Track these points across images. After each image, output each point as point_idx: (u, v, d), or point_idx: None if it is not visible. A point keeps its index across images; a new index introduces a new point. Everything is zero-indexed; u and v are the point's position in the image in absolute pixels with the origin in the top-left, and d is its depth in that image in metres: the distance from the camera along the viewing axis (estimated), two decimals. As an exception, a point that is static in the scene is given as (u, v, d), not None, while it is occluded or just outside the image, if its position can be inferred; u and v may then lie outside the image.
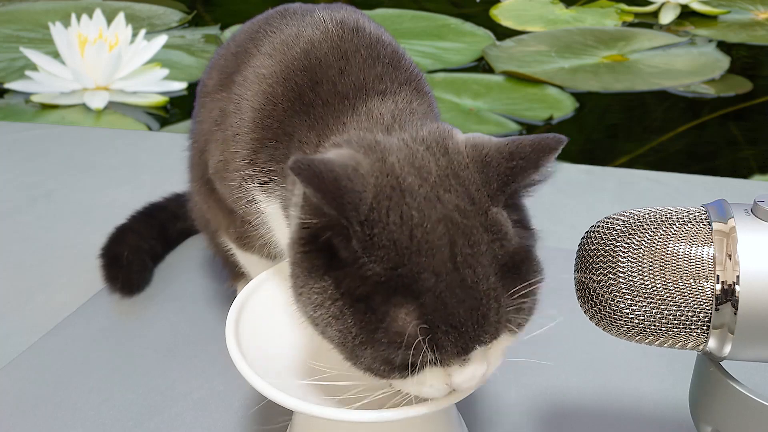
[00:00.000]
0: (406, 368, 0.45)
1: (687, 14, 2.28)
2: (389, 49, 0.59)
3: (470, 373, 0.46)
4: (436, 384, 0.47)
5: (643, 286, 0.44)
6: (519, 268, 0.47)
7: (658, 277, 0.43)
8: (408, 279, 0.44)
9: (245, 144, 0.60)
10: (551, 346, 0.76)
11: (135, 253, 0.86)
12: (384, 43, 0.60)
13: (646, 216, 0.45)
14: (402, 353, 0.44)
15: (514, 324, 0.47)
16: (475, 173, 0.47)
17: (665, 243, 0.44)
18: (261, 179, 0.60)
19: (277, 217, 0.61)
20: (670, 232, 0.44)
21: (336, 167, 0.45)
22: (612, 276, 0.44)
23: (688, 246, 0.43)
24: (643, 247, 0.44)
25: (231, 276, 0.81)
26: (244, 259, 0.73)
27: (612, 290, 0.44)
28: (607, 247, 0.45)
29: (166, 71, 1.80)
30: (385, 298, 0.44)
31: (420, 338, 0.43)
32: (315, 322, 0.47)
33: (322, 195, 0.43)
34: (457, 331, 0.44)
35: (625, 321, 0.45)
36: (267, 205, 0.62)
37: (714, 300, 0.42)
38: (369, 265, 0.44)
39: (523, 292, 0.46)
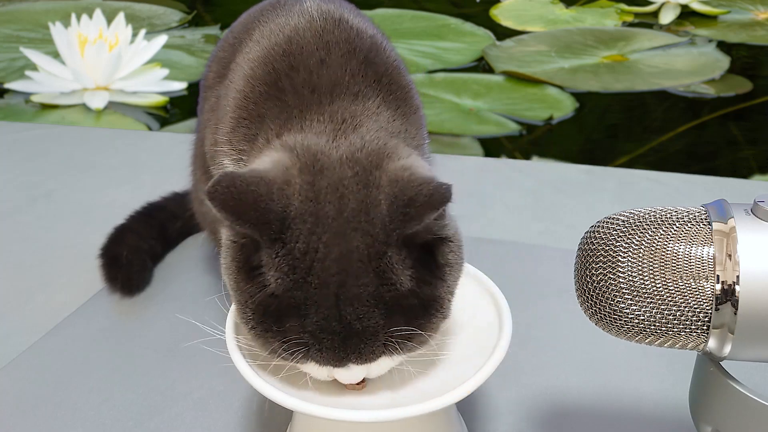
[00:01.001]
0: (291, 359, 0.50)
1: (687, 14, 2.28)
2: (368, 42, 0.60)
3: (349, 375, 0.51)
4: (317, 374, 0.51)
5: (643, 286, 0.44)
6: (406, 311, 0.49)
7: (658, 277, 0.43)
8: (296, 302, 0.48)
9: (227, 123, 0.62)
10: (551, 346, 0.76)
11: (134, 253, 0.86)
12: (364, 35, 0.60)
13: (646, 216, 0.45)
14: (286, 354, 0.49)
15: (396, 353, 0.50)
16: (384, 210, 0.49)
17: (665, 243, 0.44)
18: (233, 157, 0.62)
19: None
20: (670, 232, 0.44)
21: (260, 185, 0.48)
22: (612, 276, 0.44)
23: (688, 246, 0.43)
24: (643, 247, 0.44)
25: None
26: None
27: (612, 290, 0.44)
28: (607, 247, 0.45)
29: (166, 71, 1.80)
30: (278, 307, 0.48)
31: (300, 349, 0.48)
32: (231, 297, 0.52)
33: (235, 218, 0.47)
34: (330, 352, 0.48)
35: (625, 321, 0.45)
36: None
37: (714, 300, 0.42)
38: (267, 278, 0.48)
39: (404, 332, 0.49)
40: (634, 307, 0.44)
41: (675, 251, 0.43)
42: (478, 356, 0.54)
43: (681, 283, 0.43)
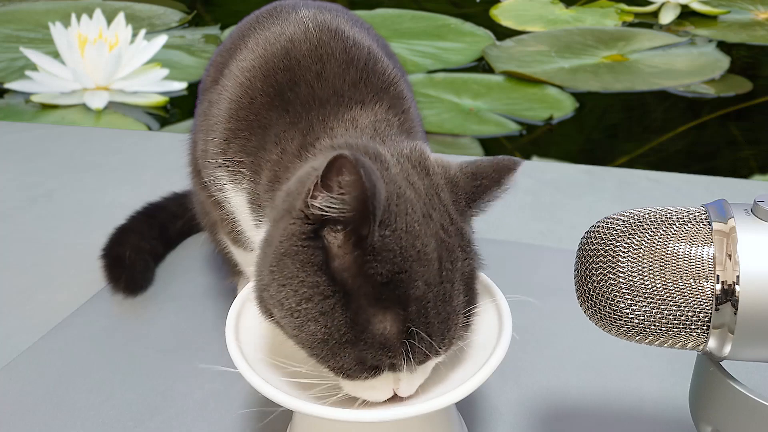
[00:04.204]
0: (372, 370, 0.48)
1: (687, 14, 2.28)
2: (365, 52, 0.60)
3: (415, 382, 0.50)
4: (384, 389, 0.49)
5: (643, 286, 0.44)
6: (472, 288, 0.51)
7: (658, 277, 0.43)
8: (405, 285, 0.46)
9: (219, 133, 0.62)
10: (551, 346, 0.76)
11: (137, 253, 0.87)
12: (360, 46, 0.61)
13: (646, 216, 0.45)
14: (378, 354, 0.47)
15: (461, 340, 0.51)
16: (448, 192, 0.52)
17: (665, 243, 0.44)
18: (230, 169, 0.62)
19: (243, 208, 0.63)
20: (670, 232, 0.44)
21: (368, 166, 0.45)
22: (612, 276, 0.44)
23: (688, 246, 0.43)
24: (643, 247, 0.44)
25: (231, 272, 0.81)
26: (238, 254, 0.73)
27: (612, 290, 0.44)
28: (607, 247, 0.45)
29: (166, 71, 1.80)
30: (378, 300, 0.46)
31: (399, 343, 0.46)
32: (295, 315, 0.47)
33: (372, 191, 0.44)
34: (428, 341, 0.47)
35: (625, 321, 0.45)
36: (233, 196, 0.63)
37: (714, 300, 0.42)
38: (374, 265, 0.46)
39: (473, 312, 0.50)
40: (634, 307, 0.44)
41: (675, 251, 0.43)
42: (478, 356, 0.54)
43: (681, 283, 0.43)
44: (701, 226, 0.44)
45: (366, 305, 0.46)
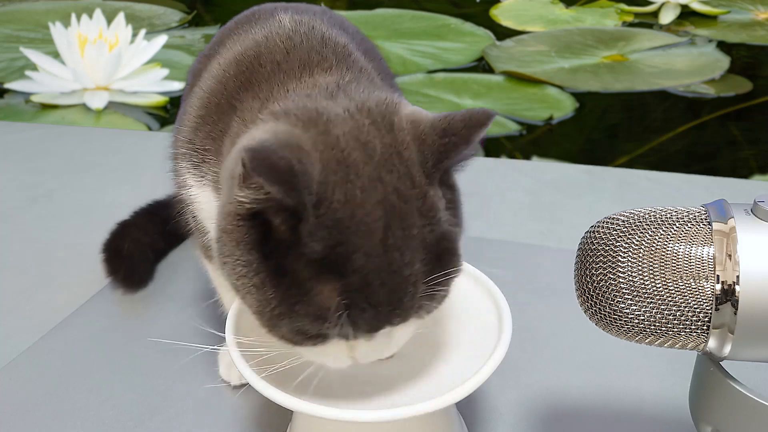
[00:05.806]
0: (316, 339, 0.47)
1: (687, 14, 2.28)
2: (339, 45, 0.59)
3: (372, 350, 0.49)
4: (339, 356, 0.49)
5: (643, 286, 0.44)
6: (441, 255, 0.48)
7: (658, 277, 0.43)
8: (342, 258, 0.45)
9: (189, 122, 0.61)
10: (551, 346, 0.76)
11: (137, 245, 0.86)
12: (334, 41, 0.59)
13: (646, 216, 0.45)
14: (317, 326, 0.46)
15: (424, 310, 0.49)
16: (414, 151, 0.48)
17: (665, 243, 0.44)
18: (194, 160, 0.60)
19: (209, 205, 0.61)
20: (670, 232, 0.44)
21: (286, 152, 0.44)
22: (612, 276, 0.44)
23: (688, 246, 0.43)
24: (643, 247, 0.44)
25: None
26: (211, 270, 0.71)
27: (612, 290, 0.44)
28: (607, 247, 0.45)
29: (166, 71, 1.80)
30: (315, 274, 0.45)
31: (338, 314, 0.45)
32: (237, 289, 0.49)
33: (284, 189, 0.43)
34: (373, 311, 0.46)
35: (625, 321, 0.45)
36: (198, 192, 0.61)
37: (714, 300, 0.42)
38: (310, 245, 0.45)
39: (439, 280, 0.48)
40: (634, 307, 0.44)
41: (675, 251, 0.43)
42: (478, 356, 0.54)
43: (681, 283, 0.43)
44: (701, 226, 0.44)
45: (303, 279, 0.45)
